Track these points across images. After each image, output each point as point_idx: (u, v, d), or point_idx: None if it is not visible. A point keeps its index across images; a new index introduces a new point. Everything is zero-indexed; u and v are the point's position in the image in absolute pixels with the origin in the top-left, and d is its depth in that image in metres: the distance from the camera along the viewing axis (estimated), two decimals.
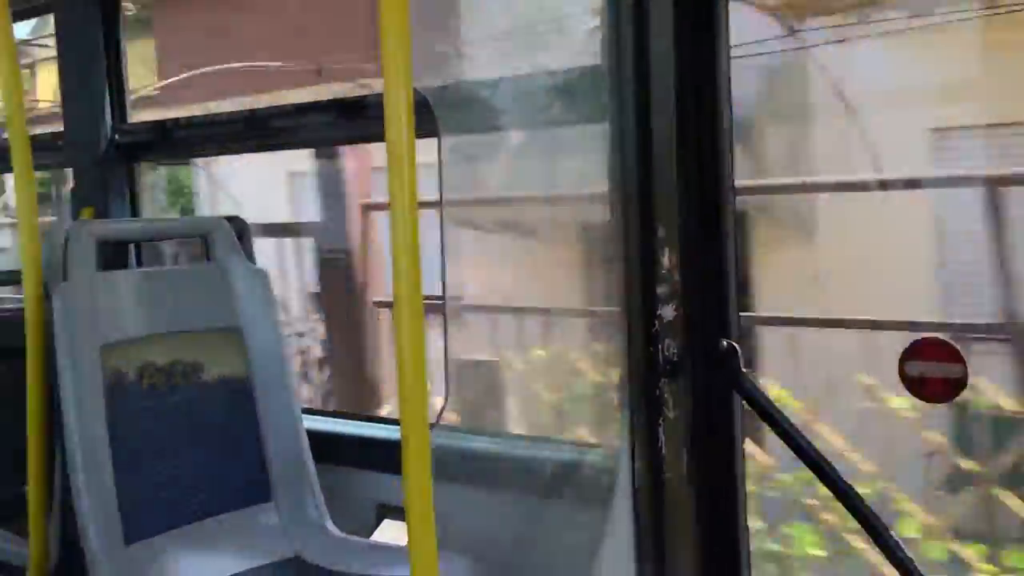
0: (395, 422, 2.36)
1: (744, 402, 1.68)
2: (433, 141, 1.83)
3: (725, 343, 1.67)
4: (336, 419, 2.51)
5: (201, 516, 2.01)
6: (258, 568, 2.02)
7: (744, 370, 1.67)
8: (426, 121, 1.90)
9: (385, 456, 2.25)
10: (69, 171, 2.98)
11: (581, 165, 1.83)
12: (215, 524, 2.03)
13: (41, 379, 1.93)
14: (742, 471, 1.72)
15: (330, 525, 2.12)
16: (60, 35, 2.86)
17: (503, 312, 1.99)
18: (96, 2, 2.76)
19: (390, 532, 2.19)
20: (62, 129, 2.90)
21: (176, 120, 2.88)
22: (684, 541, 1.70)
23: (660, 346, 1.67)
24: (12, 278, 2.76)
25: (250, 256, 2.25)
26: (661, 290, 1.67)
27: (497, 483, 1.92)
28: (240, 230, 2.26)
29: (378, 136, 2.27)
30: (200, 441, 2.05)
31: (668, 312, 1.66)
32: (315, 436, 2.21)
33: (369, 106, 2.45)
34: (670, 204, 1.66)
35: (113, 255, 2.35)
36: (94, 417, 1.87)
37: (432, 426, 1.34)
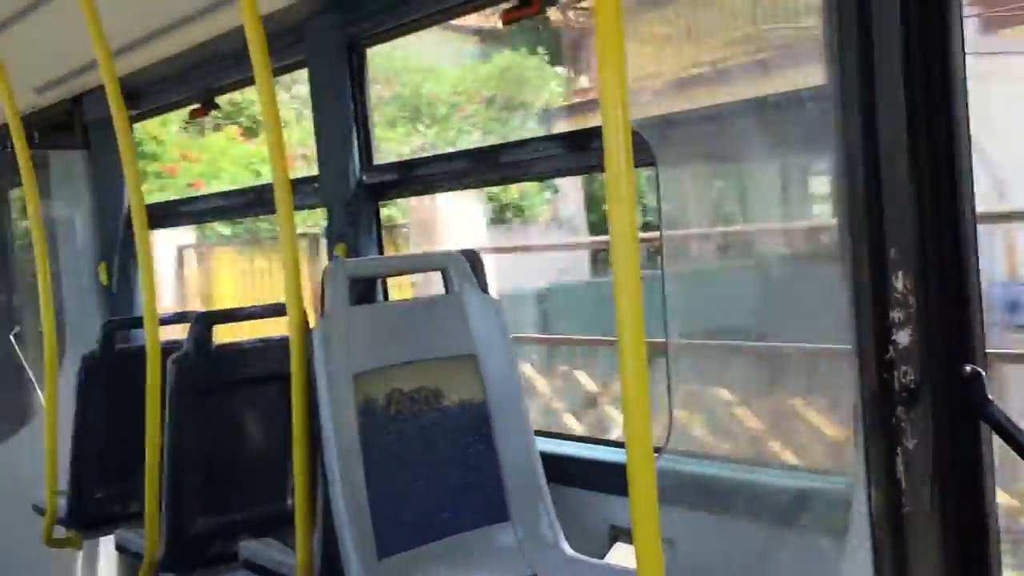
0: (623, 445, 2.41)
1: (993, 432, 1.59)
2: None
3: (968, 369, 1.59)
4: (565, 441, 2.59)
5: (445, 534, 2.14)
6: None
7: (990, 398, 1.58)
8: (646, 151, 1.94)
9: (617, 478, 2.30)
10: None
11: (806, 190, 1.80)
12: (457, 542, 2.15)
13: (304, 403, 2.12)
14: (993, 507, 1.62)
15: (564, 545, 2.19)
16: (314, 87, 3.14)
17: (726, 338, 1.99)
18: (345, 59, 3.01)
19: (622, 554, 2.23)
20: (316, 172, 3.18)
21: (415, 160, 3.09)
22: None
23: (896, 373, 1.61)
24: (278, 311, 3.06)
25: (483, 286, 2.38)
26: (895, 315, 1.61)
27: (727, 509, 1.92)
28: (473, 262, 2.39)
29: (601, 167, 2.33)
30: (443, 462, 2.18)
31: (903, 337, 1.60)
32: (547, 458, 2.29)
33: (592, 138, 2.53)
34: (903, 225, 1.61)
35: (363, 289, 2.55)
36: (349, 439, 2.04)
37: (657, 451, 1.37)
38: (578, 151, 2.60)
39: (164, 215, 4.14)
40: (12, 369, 4.53)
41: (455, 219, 10.26)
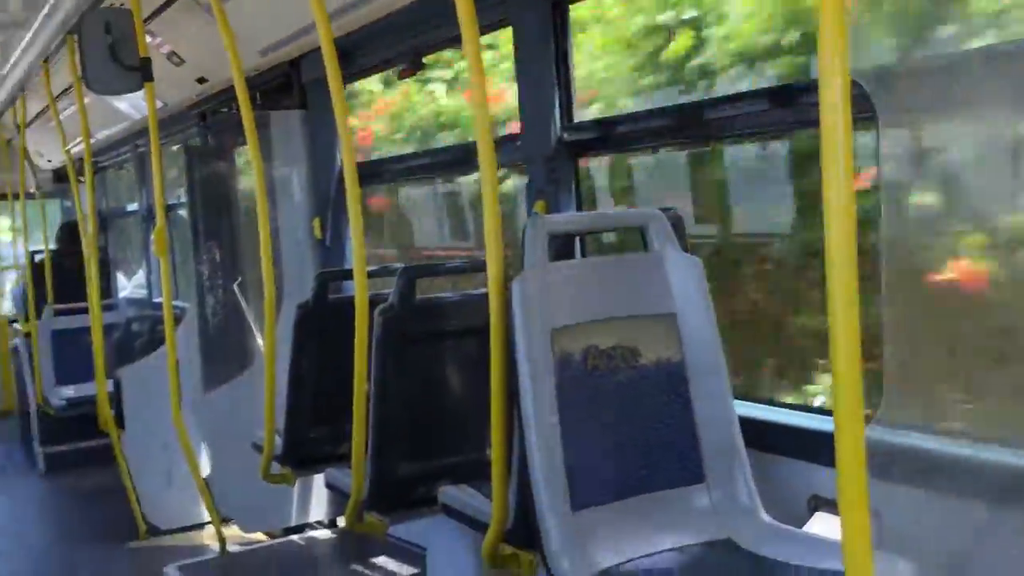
0: (829, 412, 2.31)
1: None
2: None
3: None
4: (767, 407, 2.52)
5: (638, 491, 2.14)
6: (690, 547, 2.10)
7: None
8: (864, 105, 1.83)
9: (819, 447, 2.22)
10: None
11: None
12: (651, 500, 2.14)
13: (503, 356, 2.16)
14: None
15: (761, 512, 2.14)
16: (517, 45, 3.16)
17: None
18: (548, 17, 3.02)
19: (822, 525, 2.16)
20: (518, 131, 3.21)
21: (615, 117, 3.06)
22: None
23: None
24: (478, 266, 3.13)
25: (684, 245, 2.34)
26: None
27: (941, 485, 1.81)
28: (674, 220, 2.35)
29: (812, 124, 2.22)
30: (638, 421, 2.18)
31: None
32: (745, 422, 2.24)
33: (803, 92, 2.42)
34: None
35: (562, 245, 2.57)
36: (545, 393, 2.07)
37: (867, 419, 1.31)
38: (788, 106, 2.49)
39: (374, 172, 4.31)
40: (235, 317, 4.87)
41: None
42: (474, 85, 2.21)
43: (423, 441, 2.89)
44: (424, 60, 3.75)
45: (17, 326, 8.27)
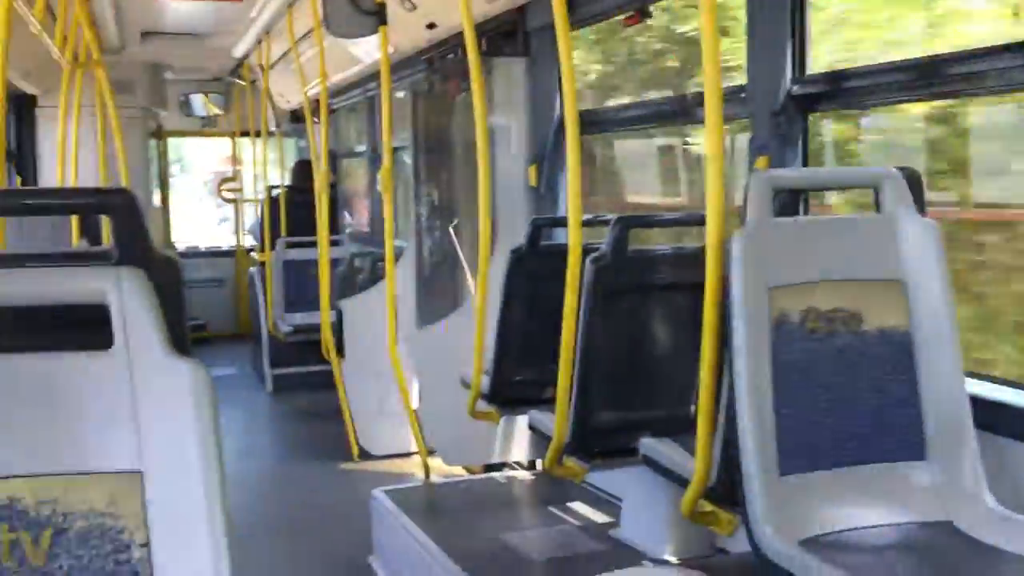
0: None
1: None
2: None
3: None
4: (1004, 386, 2.34)
5: (852, 462, 2.05)
6: (905, 525, 2.00)
7: None
8: None
9: None
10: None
11: None
12: (866, 472, 2.05)
13: (716, 312, 2.12)
14: None
15: (988, 496, 2.00)
16: None
17: None
18: None
19: None
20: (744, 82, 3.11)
21: (850, 70, 2.89)
22: None
23: None
24: (696, 220, 3.07)
25: (921, 208, 2.19)
26: None
27: None
28: (912, 180, 2.21)
29: None
30: (856, 390, 2.08)
31: None
32: (977, 401, 2.10)
33: None
34: None
35: (787, 202, 2.47)
36: (759, 352, 2.01)
37: None
38: None
39: (593, 121, 4.31)
40: (450, 257, 5.04)
41: None
42: (705, 33, 2.15)
43: (627, 392, 2.90)
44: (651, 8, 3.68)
45: (254, 255, 8.94)
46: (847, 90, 2.88)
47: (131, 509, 1.20)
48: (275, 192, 7.71)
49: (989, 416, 2.14)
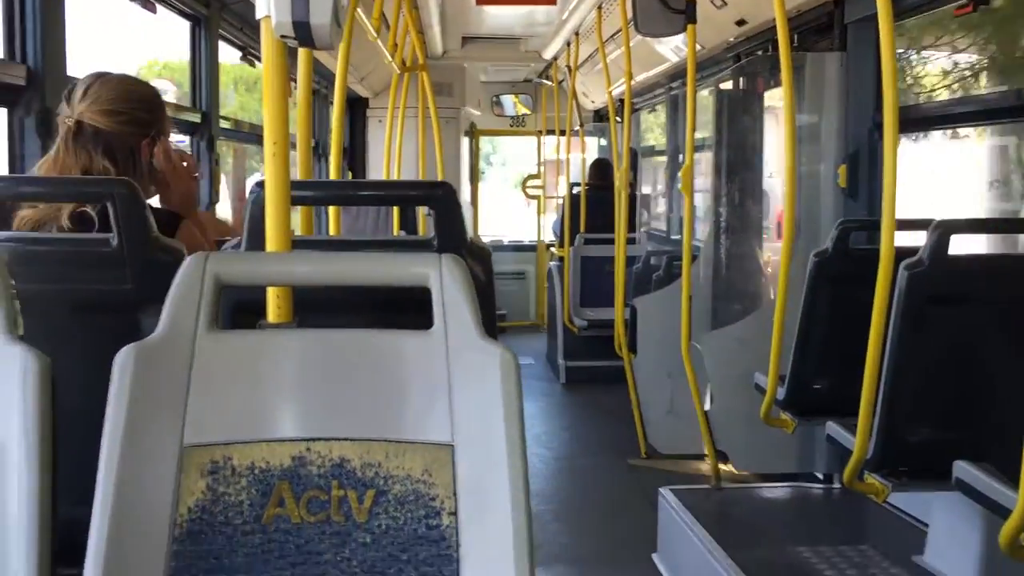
0: None
1: None
2: None
3: None
4: None
5: None
6: None
7: None
8: None
9: None
10: None
11: None
12: None
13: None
14: None
15: None
16: None
17: None
18: None
19: None
20: None
21: None
22: None
23: None
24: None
25: None
26: None
27: None
28: None
29: None
30: None
31: None
32: None
33: None
34: None
35: None
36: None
37: None
38: None
39: (914, 119, 4.03)
40: (749, 259, 4.93)
41: None
42: None
43: (941, 409, 2.69)
44: None
45: (553, 250, 9.24)
46: None
47: (443, 479, 1.29)
48: (576, 190, 7.91)
49: None
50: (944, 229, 2.69)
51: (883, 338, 2.67)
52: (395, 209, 5.04)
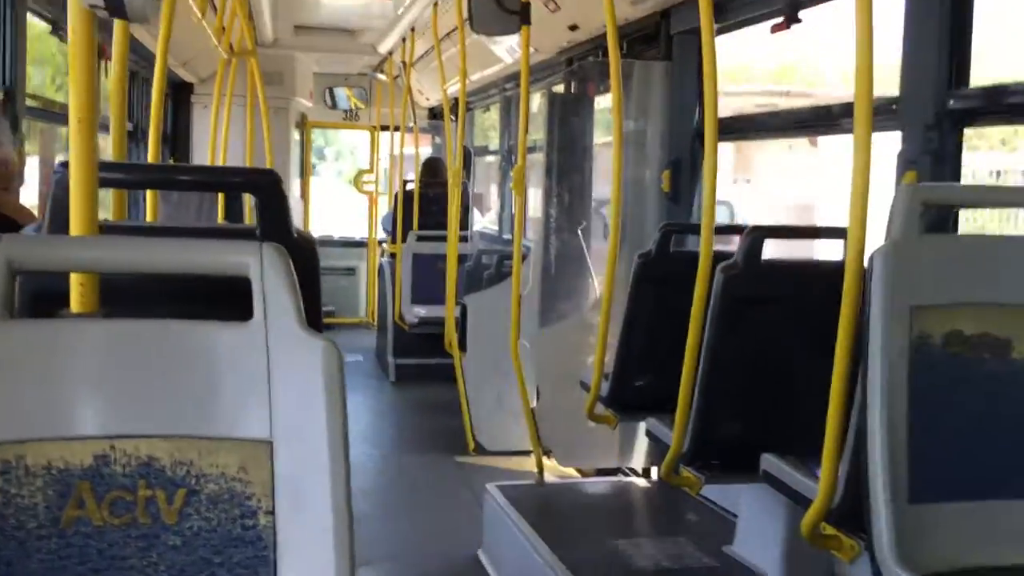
0: None
1: None
2: None
3: None
4: None
5: (992, 496, 1.94)
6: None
7: None
8: None
9: None
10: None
11: None
12: (1002, 508, 1.94)
13: (852, 329, 2.05)
14: None
15: None
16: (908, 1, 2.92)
17: None
18: None
19: None
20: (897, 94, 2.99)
21: (1012, 86, 2.74)
22: None
23: None
24: (836, 233, 2.97)
25: None
26: None
27: None
28: None
29: None
30: (1000, 420, 1.97)
31: None
32: None
33: None
34: None
35: (935, 219, 2.36)
36: (896, 374, 1.92)
37: None
38: None
39: (732, 128, 4.23)
40: (576, 260, 5.04)
41: None
42: (860, 37, 2.08)
43: (751, 405, 2.83)
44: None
45: (385, 247, 9.15)
46: (1012, 106, 2.73)
47: (260, 477, 1.24)
48: (408, 186, 7.86)
49: None
50: (756, 234, 2.83)
51: (700, 337, 2.79)
52: (220, 198, 4.85)
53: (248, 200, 5.40)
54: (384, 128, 9.50)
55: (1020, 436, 1.97)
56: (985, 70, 2.89)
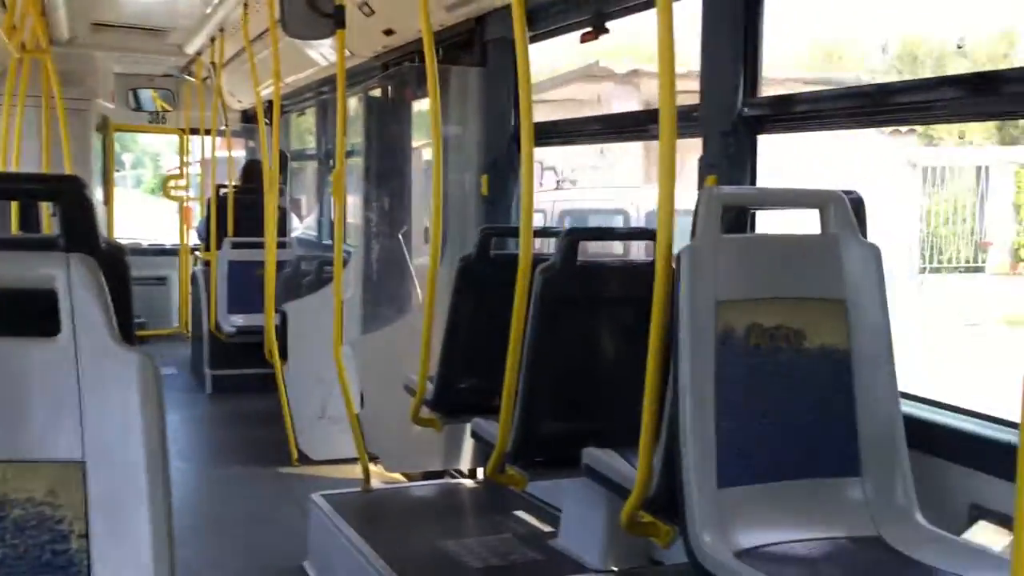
0: (1007, 423, 2.20)
1: None
2: None
3: None
4: (934, 408, 2.41)
5: (789, 476, 2.09)
6: (838, 540, 2.05)
7: None
8: None
9: (987, 455, 2.12)
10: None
11: None
12: (801, 487, 2.10)
13: (663, 324, 2.16)
14: None
15: (917, 514, 2.06)
16: (705, 11, 3.10)
17: None
18: None
19: (983, 536, 2.06)
20: (697, 101, 3.16)
21: (799, 95, 2.96)
22: None
23: None
24: (646, 234, 3.12)
25: (863, 230, 2.25)
26: None
27: None
28: (856, 205, 2.27)
29: (1019, 114, 2.09)
30: (796, 405, 2.13)
31: None
32: (909, 420, 2.16)
33: (1008, 81, 2.28)
34: None
35: (735, 220, 2.52)
36: (703, 366, 2.04)
37: None
38: (989, 94, 2.35)
39: (547, 133, 4.34)
40: (398, 264, 5.03)
41: None
42: (662, 50, 2.19)
43: (572, 402, 2.92)
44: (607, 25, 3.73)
45: (199, 254, 8.81)
46: (797, 114, 2.95)
47: (71, 499, 1.18)
48: (223, 192, 7.61)
49: (920, 435, 2.20)
50: (573, 236, 2.93)
51: (522, 338, 2.85)
52: (14, 207, 4.54)
53: (47, 208, 5.08)
54: (194, 132, 9.15)
55: (815, 419, 2.13)
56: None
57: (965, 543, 2.02)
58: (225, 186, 7.60)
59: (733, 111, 3.00)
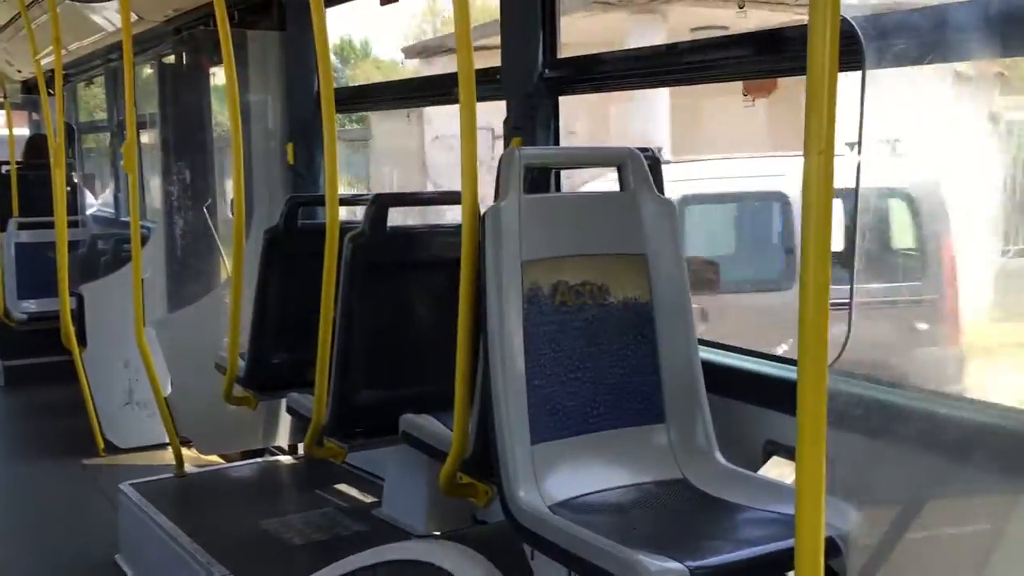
0: (791, 361, 2.34)
1: None
2: None
3: None
4: (728, 352, 2.54)
5: (598, 428, 2.15)
6: (644, 484, 2.13)
7: None
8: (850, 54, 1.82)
9: (778, 394, 2.25)
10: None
11: None
12: (610, 437, 2.16)
13: (472, 286, 2.16)
14: None
15: (717, 454, 2.17)
16: None
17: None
18: None
19: (777, 470, 2.19)
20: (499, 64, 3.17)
21: (596, 55, 3.02)
22: None
23: None
24: (452, 198, 3.11)
25: (659, 187, 2.33)
26: None
27: (896, 436, 1.84)
28: (652, 162, 2.34)
29: (798, 70, 2.20)
30: (603, 358, 2.18)
31: None
32: (707, 366, 2.26)
33: (788, 39, 2.40)
34: None
35: (539, 180, 2.55)
36: (512, 325, 2.06)
37: (830, 367, 1.32)
38: (771, 52, 2.48)
39: (350, 99, 4.25)
40: (203, 238, 4.82)
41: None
42: (458, 15, 2.17)
43: (387, 370, 2.89)
44: None
45: None
46: (596, 74, 3.01)
47: None
48: (5, 168, 7.05)
49: (718, 379, 2.31)
50: (381, 202, 2.89)
51: (334, 308, 2.79)
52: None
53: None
54: None
55: (619, 370, 2.20)
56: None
57: (761, 478, 2.15)
58: (7, 163, 7.03)
59: (534, 73, 3.02)
